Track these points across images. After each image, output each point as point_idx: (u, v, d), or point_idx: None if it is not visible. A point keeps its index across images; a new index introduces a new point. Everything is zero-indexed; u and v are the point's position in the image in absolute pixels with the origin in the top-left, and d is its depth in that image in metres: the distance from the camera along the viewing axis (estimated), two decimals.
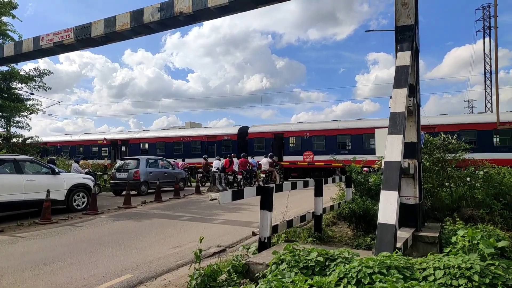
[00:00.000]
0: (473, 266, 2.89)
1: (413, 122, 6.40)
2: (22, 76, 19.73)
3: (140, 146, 30.82)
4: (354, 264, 3.17)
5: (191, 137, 29.07)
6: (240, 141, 27.13)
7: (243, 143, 26.93)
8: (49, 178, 10.55)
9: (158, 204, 13.10)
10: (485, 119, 20.62)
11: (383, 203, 4.57)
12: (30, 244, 7.13)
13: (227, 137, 27.71)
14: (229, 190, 5.20)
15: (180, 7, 9.00)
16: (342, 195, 9.70)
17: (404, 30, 6.24)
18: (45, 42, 11.61)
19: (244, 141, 27.07)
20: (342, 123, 25.10)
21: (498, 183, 8.44)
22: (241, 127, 28.14)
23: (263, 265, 4.35)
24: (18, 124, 20.44)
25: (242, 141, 27.16)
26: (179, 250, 6.59)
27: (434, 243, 5.63)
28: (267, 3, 8.62)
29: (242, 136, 27.34)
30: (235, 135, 27.40)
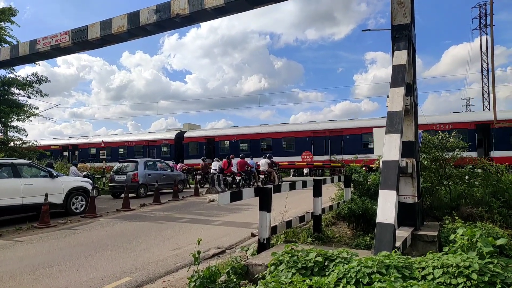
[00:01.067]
0: (471, 265, 2.89)
1: (410, 121, 6.41)
2: (20, 82, 19.70)
3: (89, 151, 32.40)
4: (353, 264, 3.16)
5: (134, 142, 31.50)
6: (177, 145, 29.01)
7: (179, 147, 28.66)
8: (47, 182, 10.52)
9: (157, 206, 13.07)
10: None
11: (381, 202, 4.57)
12: (28, 248, 7.11)
13: (165, 142, 29.90)
14: (228, 192, 5.19)
15: (177, 8, 9.00)
16: (341, 195, 9.69)
17: (400, 29, 6.25)
18: (42, 45, 11.59)
19: (180, 145, 28.89)
20: (266, 127, 27.72)
21: (496, 181, 8.46)
22: (178, 132, 30.51)
23: (263, 266, 4.35)
24: (15, 129, 20.40)
25: (179, 145, 29.04)
26: (178, 252, 6.57)
27: (433, 242, 5.63)
28: (262, 3, 8.63)
29: (179, 141, 29.29)
30: (173, 139, 29.49)
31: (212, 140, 27.99)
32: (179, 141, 29.10)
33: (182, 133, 30.01)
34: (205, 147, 27.61)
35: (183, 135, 29.29)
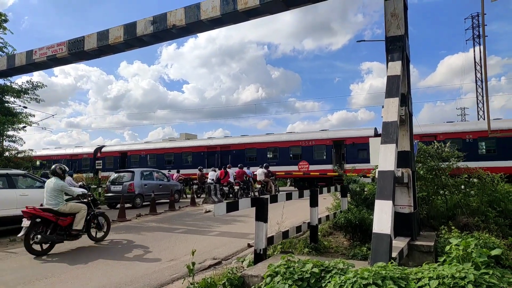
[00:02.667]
0: (467, 276, 2.89)
1: (405, 131, 6.45)
2: (15, 90, 19.64)
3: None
4: (350, 276, 3.15)
5: (59, 156, 33.79)
6: (96, 158, 30.84)
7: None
8: (42, 192, 10.42)
9: (153, 216, 12.99)
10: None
11: (377, 212, 4.58)
12: (22, 260, 7.02)
13: (86, 156, 32.58)
14: (224, 202, 5.18)
15: (173, 20, 9.08)
16: (338, 205, 9.69)
17: (394, 40, 6.34)
18: (38, 55, 11.62)
19: (98, 158, 30.66)
20: (172, 143, 31.31)
21: (492, 190, 8.49)
22: (97, 147, 32.90)
23: (259, 278, 4.32)
24: (11, 138, 20.29)
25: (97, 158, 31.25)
26: (174, 263, 6.51)
27: (430, 252, 5.62)
28: (258, 15, 8.73)
29: (96, 155, 31.89)
30: (92, 153, 32.19)
31: (125, 154, 31.02)
32: (97, 154, 32.09)
33: (100, 148, 32.82)
34: (119, 161, 30.57)
35: (100, 150, 32.27)
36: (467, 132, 20.37)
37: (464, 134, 20.23)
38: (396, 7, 6.40)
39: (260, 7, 8.21)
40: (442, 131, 20.81)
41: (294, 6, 8.45)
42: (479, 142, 19.94)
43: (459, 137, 20.18)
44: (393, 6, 6.42)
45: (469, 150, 17.87)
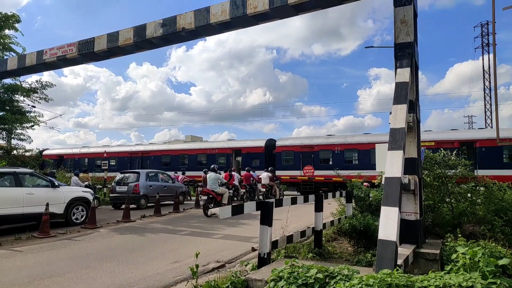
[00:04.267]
0: (474, 285, 2.86)
1: (413, 138, 6.41)
2: (25, 89, 19.86)
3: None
4: (354, 282, 3.14)
5: None
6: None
7: (41, 162, 31.71)
8: (48, 191, 10.53)
9: (158, 218, 13.02)
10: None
11: (383, 219, 4.55)
12: (27, 258, 7.07)
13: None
14: (229, 205, 5.18)
15: (183, 23, 9.14)
16: (342, 210, 9.65)
17: (403, 47, 6.32)
18: (48, 56, 11.75)
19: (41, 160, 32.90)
20: (104, 148, 33.36)
21: (499, 199, 8.41)
22: (41, 150, 32.81)
23: (263, 282, 4.31)
24: (19, 136, 20.51)
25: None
26: (177, 265, 6.52)
27: (435, 260, 5.57)
28: (267, 20, 8.77)
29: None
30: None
31: (62, 157, 33.85)
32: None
33: (43, 150, 34.03)
34: (56, 163, 31.43)
35: (42, 152, 33.13)
36: (336, 144, 24.60)
37: (334, 146, 24.57)
38: (406, 14, 6.39)
39: (270, 12, 8.24)
40: (317, 143, 25.41)
41: (303, 11, 8.47)
42: (345, 153, 24.23)
43: (330, 148, 24.66)
44: (402, 13, 6.42)
45: (338, 160, 23.82)
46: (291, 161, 25.85)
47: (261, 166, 25.09)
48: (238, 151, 27.95)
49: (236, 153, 28.17)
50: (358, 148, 23.90)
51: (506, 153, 20.37)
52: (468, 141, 21.48)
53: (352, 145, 24.29)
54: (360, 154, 23.76)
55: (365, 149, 23.15)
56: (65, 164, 31.28)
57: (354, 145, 24.27)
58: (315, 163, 24.92)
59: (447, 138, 22.18)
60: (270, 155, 27.08)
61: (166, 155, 29.93)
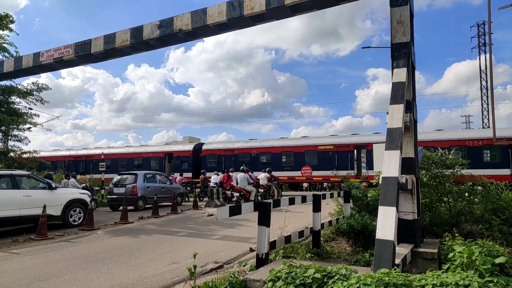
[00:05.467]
0: (471, 284, 2.87)
1: (410, 137, 6.43)
2: (21, 91, 19.78)
3: None
4: (352, 282, 3.14)
5: None
6: None
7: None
8: (45, 194, 10.49)
9: (155, 219, 12.99)
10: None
11: (381, 219, 4.56)
12: (25, 261, 7.04)
13: None
14: (227, 206, 5.18)
15: (180, 24, 9.14)
16: (340, 210, 9.65)
17: (400, 47, 6.35)
18: (45, 58, 11.72)
19: None
20: (61, 152, 35.94)
21: (497, 198, 8.44)
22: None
23: (261, 282, 4.30)
24: (16, 137, 20.41)
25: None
26: (175, 266, 6.51)
27: (433, 259, 5.59)
28: (264, 21, 8.78)
29: None
30: None
31: None
32: None
33: (7, 152, 36.66)
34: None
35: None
36: (253, 148, 27.65)
37: (251, 149, 27.62)
38: (402, 14, 6.41)
39: (266, 13, 8.25)
40: (237, 147, 28.38)
41: (300, 12, 8.48)
42: (261, 156, 27.23)
43: (248, 152, 27.66)
44: (399, 13, 6.44)
45: (254, 162, 26.54)
46: (215, 164, 28.09)
47: (189, 169, 28.08)
48: (170, 154, 30.04)
49: (168, 156, 30.21)
50: (271, 151, 26.74)
51: None
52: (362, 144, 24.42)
53: (266, 149, 27.06)
54: (272, 157, 26.47)
55: (277, 152, 26.34)
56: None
57: (267, 148, 27.03)
58: (235, 165, 26.31)
59: (344, 142, 25.03)
60: (197, 158, 29.11)
61: (107, 158, 31.62)
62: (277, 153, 26.33)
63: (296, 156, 25.87)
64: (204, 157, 28.70)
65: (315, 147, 25.35)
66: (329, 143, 25.09)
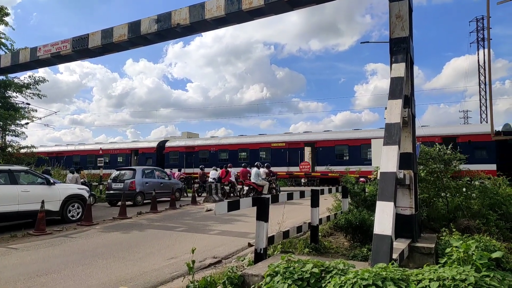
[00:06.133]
0: (467, 278, 2.88)
1: (408, 132, 6.43)
2: (17, 85, 19.68)
3: None
4: (350, 276, 3.15)
5: None
6: None
7: None
8: (44, 189, 10.48)
9: (154, 214, 13.01)
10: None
11: (379, 214, 4.57)
12: (23, 256, 7.05)
13: None
14: (225, 201, 5.19)
15: (177, 18, 9.08)
16: (338, 205, 9.68)
17: (398, 42, 6.33)
18: (42, 52, 11.65)
19: None
20: None
21: (494, 194, 8.47)
22: None
23: (259, 277, 4.32)
24: (13, 132, 20.35)
25: None
26: (174, 261, 6.53)
27: (431, 254, 5.61)
28: (262, 15, 8.73)
29: None
30: None
31: None
32: None
33: None
34: None
35: None
36: (212, 145, 29.05)
37: (210, 147, 29.07)
38: (401, 9, 6.39)
39: (265, 7, 8.20)
40: (198, 144, 30.08)
41: (298, 7, 8.44)
42: (219, 152, 28.69)
43: (207, 149, 29.15)
44: (398, 8, 6.41)
45: (213, 158, 28.00)
46: (177, 160, 29.46)
47: (153, 165, 27.96)
48: (136, 151, 31.53)
49: (135, 153, 31.60)
50: (228, 148, 28.07)
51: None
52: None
53: (224, 146, 28.34)
54: (230, 154, 27.82)
55: (234, 149, 27.70)
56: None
57: (225, 146, 28.30)
58: (196, 161, 28.32)
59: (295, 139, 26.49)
60: (161, 155, 30.49)
61: (77, 155, 33.02)
62: (234, 150, 27.61)
63: (251, 152, 27.16)
64: (167, 154, 30.22)
65: (269, 144, 26.78)
66: (282, 140, 26.63)
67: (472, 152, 20.07)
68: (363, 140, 23.22)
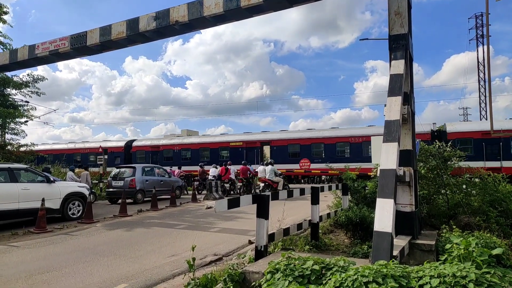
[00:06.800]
0: (468, 275, 2.89)
1: (408, 129, 6.42)
2: (16, 82, 19.63)
3: None
4: (350, 273, 3.16)
5: None
6: None
7: None
8: (44, 187, 10.48)
9: (154, 212, 13.02)
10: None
11: (379, 211, 4.57)
12: (24, 254, 7.06)
13: None
14: (225, 198, 5.19)
15: (176, 16, 9.05)
16: (339, 203, 9.69)
17: (397, 39, 6.30)
18: (40, 50, 11.61)
19: None
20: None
21: (494, 190, 8.47)
22: None
23: (260, 274, 4.33)
24: (13, 131, 20.32)
25: None
26: (175, 259, 6.54)
27: (431, 251, 5.62)
28: (261, 12, 8.70)
29: None
30: None
31: None
32: None
33: None
34: None
35: None
36: (175, 144, 30.41)
37: (174, 146, 30.33)
38: (400, 5, 6.36)
39: (263, 4, 8.16)
40: (162, 144, 31.07)
41: (297, 4, 8.41)
42: (182, 151, 29.94)
43: (171, 148, 30.31)
44: (396, 4, 6.39)
45: (177, 157, 29.39)
46: (143, 159, 30.80)
47: (121, 163, 29.19)
48: (105, 150, 32.10)
49: (105, 152, 31.87)
50: (191, 147, 29.42)
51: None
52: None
53: (187, 145, 29.67)
54: (192, 153, 29.16)
55: (196, 148, 29.05)
56: None
57: (188, 145, 29.71)
58: (160, 160, 29.51)
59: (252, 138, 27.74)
60: (128, 154, 31.93)
61: (50, 154, 32.67)
62: (196, 149, 29.12)
63: (212, 152, 28.60)
64: (134, 152, 31.84)
65: (228, 144, 28.08)
66: (239, 140, 27.99)
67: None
68: (314, 139, 25.12)
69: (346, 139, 24.22)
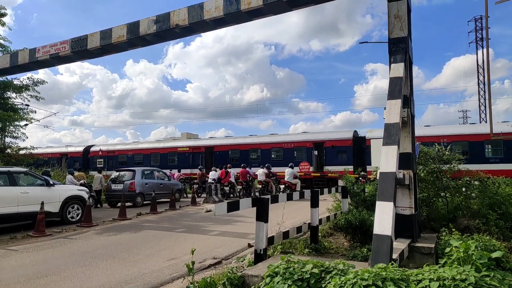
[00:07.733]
0: (467, 278, 2.88)
1: (407, 133, 6.44)
2: (16, 86, 19.66)
3: None
4: (350, 276, 3.15)
5: None
6: None
7: None
8: (43, 190, 10.47)
9: (154, 215, 13.00)
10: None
11: (378, 214, 4.57)
12: (23, 257, 7.04)
13: None
14: (225, 202, 5.18)
15: (176, 19, 9.08)
16: (338, 206, 9.68)
17: (397, 42, 6.33)
18: (41, 54, 11.64)
19: None
20: None
21: (494, 193, 8.47)
22: None
23: (259, 277, 4.32)
24: (13, 134, 20.31)
25: None
26: (174, 262, 6.52)
27: (431, 254, 5.61)
28: (261, 15, 8.73)
29: None
30: None
31: None
32: None
33: None
34: None
35: None
36: (129, 150, 32.48)
37: (128, 151, 32.36)
38: (400, 9, 6.40)
39: (264, 8, 8.20)
40: (117, 149, 33.06)
41: (297, 7, 8.44)
42: (135, 156, 31.78)
43: (125, 153, 32.23)
44: (396, 8, 6.42)
45: (130, 162, 30.75)
46: (100, 164, 32.16)
47: (79, 168, 29.75)
48: (66, 155, 34.85)
49: (65, 157, 34.77)
50: (142, 153, 31.48)
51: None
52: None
53: (139, 150, 31.73)
54: (144, 157, 31.06)
55: (147, 153, 31.09)
56: None
57: (139, 150, 31.74)
58: (115, 164, 30.77)
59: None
60: (86, 159, 33.79)
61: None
62: (147, 154, 31.14)
63: (162, 156, 30.59)
64: (92, 157, 33.68)
65: (176, 149, 30.09)
66: (186, 145, 30.34)
67: (336, 155, 23.84)
68: (251, 145, 27.31)
69: (280, 144, 26.22)
